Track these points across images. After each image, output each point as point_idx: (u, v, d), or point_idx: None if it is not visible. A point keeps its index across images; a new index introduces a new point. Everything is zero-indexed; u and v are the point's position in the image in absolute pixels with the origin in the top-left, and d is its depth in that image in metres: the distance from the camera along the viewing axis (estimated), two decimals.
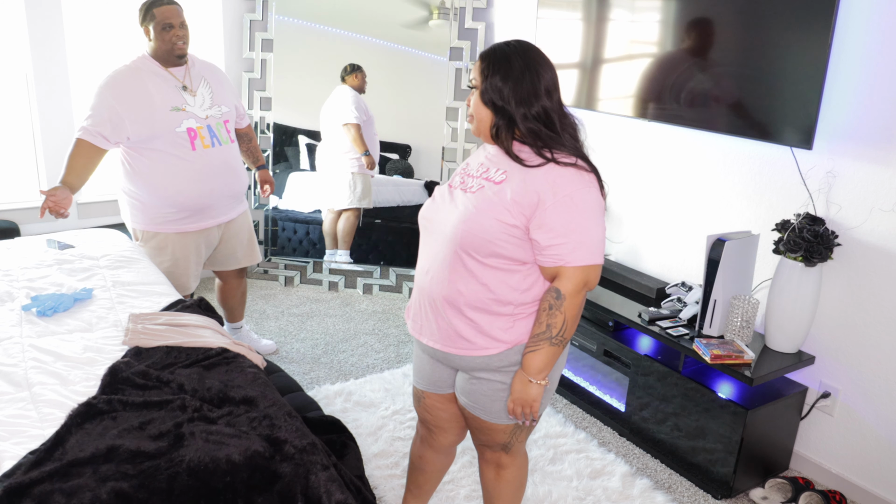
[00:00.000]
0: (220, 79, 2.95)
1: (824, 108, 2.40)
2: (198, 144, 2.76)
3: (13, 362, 2.11)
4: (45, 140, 3.73)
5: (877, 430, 2.46)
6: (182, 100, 2.75)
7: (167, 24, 2.69)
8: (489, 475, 1.94)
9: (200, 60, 2.91)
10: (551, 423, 2.85)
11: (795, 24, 2.37)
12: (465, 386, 1.78)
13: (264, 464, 1.64)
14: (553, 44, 3.40)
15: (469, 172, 1.73)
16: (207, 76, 2.88)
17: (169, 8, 2.71)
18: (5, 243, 3.08)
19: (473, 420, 1.82)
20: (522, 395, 1.67)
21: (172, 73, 2.77)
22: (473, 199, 1.63)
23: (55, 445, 1.67)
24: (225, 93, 2.94)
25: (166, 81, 2.75)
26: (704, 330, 2.64)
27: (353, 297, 4.16)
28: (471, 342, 1.69)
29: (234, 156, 2.93)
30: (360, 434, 2.70)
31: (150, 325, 2.26)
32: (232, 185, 2.93)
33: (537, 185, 1.56)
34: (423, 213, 1.77)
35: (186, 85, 2.78)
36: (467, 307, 1.66)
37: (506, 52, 1.63)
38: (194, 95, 2.79)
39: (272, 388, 1.97)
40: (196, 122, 2.76)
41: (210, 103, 2.83)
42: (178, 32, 2.72)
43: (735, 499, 2.52)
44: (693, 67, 2.75)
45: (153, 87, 2.71)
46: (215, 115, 2.84)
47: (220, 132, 2.85)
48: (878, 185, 2.34)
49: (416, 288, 1.80)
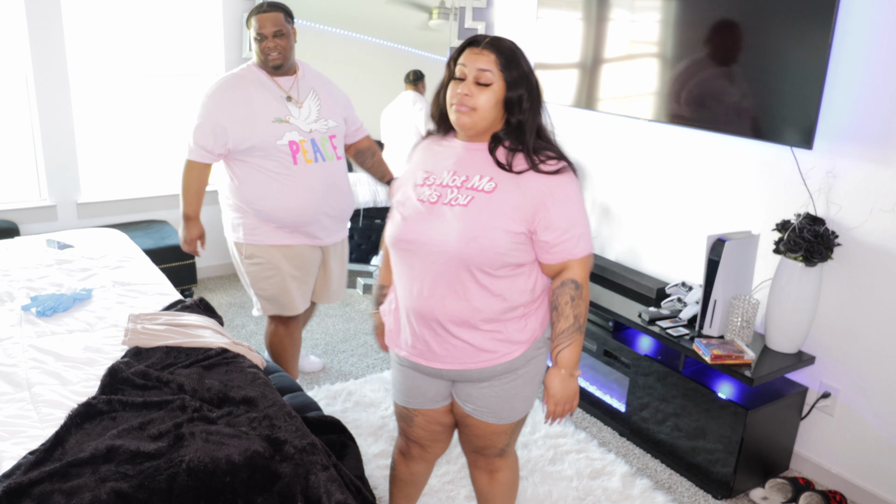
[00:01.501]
0: (332, 91, 2.73)
1: (824, 108, 2.40)
2: (300, 159, 2.55)
3: (13, 362, 2.11)
4: (44, 140, 3.73)
5: (877, 430, 2.46)
6: (286, 111, 2.56)
7: (260, 33, 2.54)
8: (483, 481, 1.93)
9: (313, 71, 2.72)
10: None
11: (796, 23, 2.37)
12: (474, 394, 1.73)
13: (264, 464, 1.64)
14: (553, 44, 3.40)
15: (441, 182, 1.61)
16: (317, 88, 2.67)
17: (265, 16, 2.54)
18: (5, 243, 3.08)
19: (476, 427, 1.78)
20: (565, 392, 1.65)
21: (279, 82, 2.59)
22: (470, 214, 1.55)
23: (55, 446, 1.67)
24: (335, 106, 2.71)
25: (271, 91, 2.57)
26: (704, 330, 2.64)
27: (353, 297, 4.15)
28: (493, 352, 1.66)
29: (338, 173, 2.68)
30: (360, 434, 2.70)
31: (150, 325, 2.26)
32: (336, 204, 2.69)
33: (533, 190, 1.56)
34: (401, 234, 1.63)
35: (292, 96, 2.59)
36: (484, 322, 1.63)
37: (511, 47, 1.57)
38: (300, 107, 2.59)
39: (272, 389, 1.97)
40: (299, 136, 2.56)
41: (316, 116, 2.61)
42: (269, 43, 2.54)
43: (735, 499, 2.52)
44: (693, 67, 2.75)
45: (256, 97, 2.55)
46: (320, 130, 2.62)
47: (324, 147, 2.61)
48: (878, 185, 2.34)
49: (401, 311, 1.71)
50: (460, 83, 1.57)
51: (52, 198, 3.84)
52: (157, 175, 4.20)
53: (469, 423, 1.79)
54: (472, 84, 1.55)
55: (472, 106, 1.56)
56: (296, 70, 2.66)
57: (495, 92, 1.55)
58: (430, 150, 1.70)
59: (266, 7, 2.55)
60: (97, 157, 3.99)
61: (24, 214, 3.76)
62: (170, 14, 3.99)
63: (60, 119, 3.74)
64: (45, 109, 3.69)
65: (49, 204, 3.82)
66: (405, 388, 1.82)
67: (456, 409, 1.81)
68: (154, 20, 3.95)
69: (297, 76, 2.65)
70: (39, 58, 3.61)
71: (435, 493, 2.41)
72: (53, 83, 3.67)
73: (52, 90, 3.68)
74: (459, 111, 1.57)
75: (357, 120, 2.89)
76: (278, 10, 2.57)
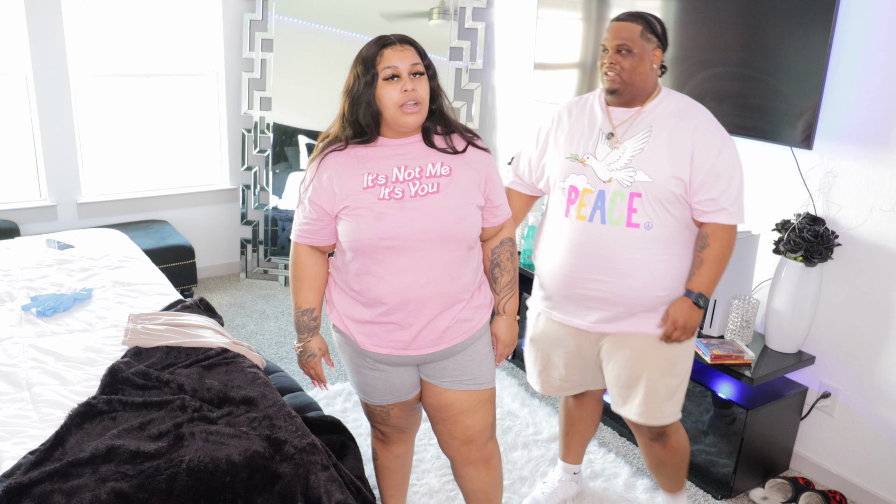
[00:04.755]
0: (678, 141, 1.90)
1: (824, 108, 2.40)
2: (573, 211, 1.99)
3: (13, 362, 2.11)
4: (44, 140, 3.73)
5: (877, 430, 2.46)
6: (592, 148, 1.97)
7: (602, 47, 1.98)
8: (479, 476, 1.91)
9: (679, 106, 1.95)
10: (552, 424, 2.85)
11: (796, 24, 2.37)
12: (449, 367, 1.78)
13: (264, 464, 1.64)
14: (553, 44, 3.40)
15: (395, 178, 1.64)
16: (659, 128, 1.92)
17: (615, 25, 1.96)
18: (5, 243, 3.08)
19: (461, 404, 1.80)
20: (512, 335, 1.88)
21: (612, 112, 1.98)
22: (448, 198, 1.65)
23: (55, 446, 1.67)
24: (663, 159, 1.90)
25: (594, 121, 2.00)
26: (704, 330, 2.64)
27: None
28: (470, 320, 1.77)
29: (617, 244, 1.93)
30: (360, 434, 2.70)
31: (150, 325, 2.26)
32: (600, 281, 1.96)
33: (479, 164, 1.73)
34: (384, 233, 1.62)
35: (615, 133, 1.96)
36: (465, 292, 1.74)
37: (412, 40, 1.67)
38: (615, 148, 1.94)
39: (272, 389, 1.97)
40: (586, 182, 1.96)
41: (624, 164, 1.93)
42: (612, 67, 1.93)
43: (735, 499, 2.52)
44: (693, 67, 2.75)
45: (576, 124, 2.03)
46: (622, 181, 1.92)
47: (612, 206, 1.93)
48: (878, 185, 2.34)
49: (399, 306, 1.68)
50: (395, 83, 1.59)
51: (53, 198, 3.84)
52: (158, 175, 4.21)
53: (457, 404, 1.81)
54: (409, 79, 1.60)
55: (418, 100, 1.61)
56: (645, 97, 1.97)
57: (426, 82, 1.64)
58: (354, 156, 1.67)
59: (624, 16, 1.95)
60: (97, 156, 4.00)
61: (24, 214, 3.77)
62: (170, 14, 3.99)
63: (61, 119, 3.74)
64: (46, 109, 3.69)
65: (49, 204, 3.82)
66: (381, 387, 1.83)
67: (433, 399, 1.83)
68: (154, 20, 3.95)
69: (644, 108, 1.96)
70: (39, 57, 3.61)
71: (435, 494, 2.41)
72: (54, 83, 3.67)
73: (52, 90, 3.68)
74: (412, 112, 1.61)
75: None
76: (635, 20, 1.93)
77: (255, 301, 4.05)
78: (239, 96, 4.21)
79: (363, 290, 1.69)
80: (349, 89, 1.64)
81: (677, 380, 2.05)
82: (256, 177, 4.25)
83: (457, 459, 1.90)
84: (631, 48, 1.89)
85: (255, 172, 4.24)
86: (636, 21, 1.90)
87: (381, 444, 2.03)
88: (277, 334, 3.63)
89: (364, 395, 1.88)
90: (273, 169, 4.24)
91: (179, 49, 4.07)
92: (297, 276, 1.77)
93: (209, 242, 4.36)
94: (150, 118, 4.10)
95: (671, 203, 1.91)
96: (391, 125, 1.64)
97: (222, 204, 4.36)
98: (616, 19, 1.95)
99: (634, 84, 1.92)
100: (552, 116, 2.11)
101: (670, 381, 2.03)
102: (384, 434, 1.99)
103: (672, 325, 1.94)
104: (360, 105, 1.62)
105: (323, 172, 1.67)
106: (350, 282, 1.72)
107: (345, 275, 1.73)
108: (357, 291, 1.71)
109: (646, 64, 1.91)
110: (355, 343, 1.76)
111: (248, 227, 4.36)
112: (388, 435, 1.99)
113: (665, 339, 1.96)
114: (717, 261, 1.93)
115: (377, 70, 1.59)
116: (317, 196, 1.67)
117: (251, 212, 4.32)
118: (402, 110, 1.60)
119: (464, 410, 1.82)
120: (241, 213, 4.31)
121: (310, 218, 1.70)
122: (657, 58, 1.94)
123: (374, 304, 1.70)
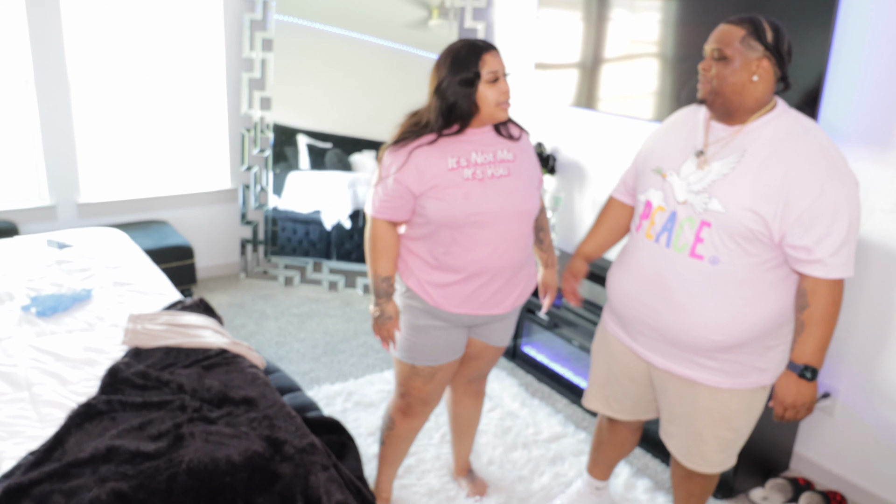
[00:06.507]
0: (770, 171, 1.65)
1: (824, 109, 2.39)
2: (643, 227, 1.86)
3: (13, 362, 2.11)
4: (44, 140, 3.73)
5: (877, 431, 2.46)
6: (678, 165, 1.80)
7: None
8: (469, 405, 2.32)
9: (788, 130, 1.69)
10: (551, 424, 2.85)
11: (796, 23, 2.37)
12: (500, 330, 2.10)
13: (264, 464, 1.64)
14: (553, 44, 3.40)
15: (474, 161, 1.90)
16: (753, 153, 1.68)
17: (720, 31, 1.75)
18: (5, 243, 3.08)
19: (487, 353, 2.16)
20: (556, 283, 2.23)
21: (711, 127, 1.78)
22: (519, 179, 1.94)
23: (55, 446, 1.67)
24: (745, 189, 1.67)
25: (691, 134, 1.83)
26: None
27: (353, 297, 4.15)
28: (529, 286, 2.08)
29: (676, 273, 1.77)
30: (360, 434, 2.70)
31: (150, 325, 2.26)
32: (654, 309, 1.83)
33: (529, 151, 2.03)
34: (473, 208, 1.87)
35: (706, 152, 1.76)
36: (529, 259, 2.06)
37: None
38: (701, 168, 1.75)
39: (272, 389, 1.97)
40: (662, 200, 1.82)
41: (703, 187, 1.73)
42: (704, 73, 1.75)
43: (735, 499, 2.52)
44: (694, 67, 2.75)
45: (675, 134, 1.87)
46: (695, 206, 1.73)
47: (680, 230, 1.76)
48: (878, 186, 2.34)
49: (484, 274, 1.93)
50: (496, 84, 1.84)
51: (52, 198, 3.84)
52: (157, 175, 4.20)
53: (484, 354, 2.15)
54: (504, 81, 1.86)
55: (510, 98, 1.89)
56: (745, 116, 1.74)
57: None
58: (445, 144, 1.90)
59: (733, 19, 1.75)
60: (97, 157, 3.99)
61: (24, 214, 3.76)
62: (170, 14, 3.99)
63: (60, 119, 3.74)
64: (46, 109, 3.69)
65: (49, 204, 3.82)
66: (441, 345, 2.02)
67: (474, 348, 2.13)
68: (154, 20, 3.95)
69: (745, 128, 1.73)
70: (39, 58, 3.61)
71: (435, 494, 2.41)
72: (53, 83, 3.67)
73: (52, 90, 3.68)
74: (507, 107, 1.89)
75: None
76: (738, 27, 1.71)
77: (254, 301, 4.05)
78: (239, 96, 4.21)
79: (448, 260, 1.92)
80: (442, 88, 1.83)
81: (733, 434, 1.86)
82: (256, 177, 4.25)
83: (458, 390, 2.29)
84: (725, 54, 1.66)
85: (254, 172, 4.24)
86: (741, 25, 1.67)
87: (402, 416, 2.16)
88: (277, 334, 3.63)
89: (417, 358, 2.04)
90: (273, 169, 4.24)
91: (179, 49, 4.07)
92: (377, 248, 1.96)
93: (209, 242, 4.36)
94: (149, 118, 4.10)
95: (746, 240, 1.67)
96: (484, 119, 1.88)
97: (222, 204, 4.36)
98: (724, 21, 1.72)
99: (726, 95, 1.69)
100: (667, 119, 1.98)
101: (724, 434, 1.85)
102: (409, 406, 2.13)
103: (781, 406, 1.72)
104: (456, 101, 1.83)
105: (413, 158, 1.87)
106: (434, 251, 1.93)
107: (428, 245, 1.94)
108: (440, 260, 1.93)
109: (743, 74, 1.66)
110: (431, 306, 1.96)
111: (248, 227, 4.36)
112: (413, 407, 2.13)
113: (778, 420, 1.75)
114: (821, 323, 1.66)
115: (479, 72, 1.81)
116: (403, 176, 1.86)
117: (251, 212, 4.32)
118: (500, 107, 1.86)
119: (486, 358, 2.18)
120: (241, 213, 4.31)
121: (392, 195, 1.89)
122: (764, 69, 1.66)
123: (457, 271, 1.93)
